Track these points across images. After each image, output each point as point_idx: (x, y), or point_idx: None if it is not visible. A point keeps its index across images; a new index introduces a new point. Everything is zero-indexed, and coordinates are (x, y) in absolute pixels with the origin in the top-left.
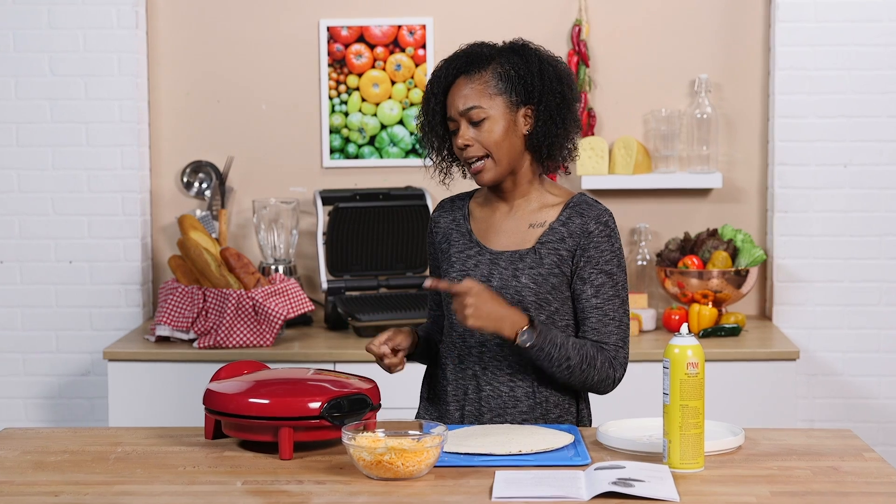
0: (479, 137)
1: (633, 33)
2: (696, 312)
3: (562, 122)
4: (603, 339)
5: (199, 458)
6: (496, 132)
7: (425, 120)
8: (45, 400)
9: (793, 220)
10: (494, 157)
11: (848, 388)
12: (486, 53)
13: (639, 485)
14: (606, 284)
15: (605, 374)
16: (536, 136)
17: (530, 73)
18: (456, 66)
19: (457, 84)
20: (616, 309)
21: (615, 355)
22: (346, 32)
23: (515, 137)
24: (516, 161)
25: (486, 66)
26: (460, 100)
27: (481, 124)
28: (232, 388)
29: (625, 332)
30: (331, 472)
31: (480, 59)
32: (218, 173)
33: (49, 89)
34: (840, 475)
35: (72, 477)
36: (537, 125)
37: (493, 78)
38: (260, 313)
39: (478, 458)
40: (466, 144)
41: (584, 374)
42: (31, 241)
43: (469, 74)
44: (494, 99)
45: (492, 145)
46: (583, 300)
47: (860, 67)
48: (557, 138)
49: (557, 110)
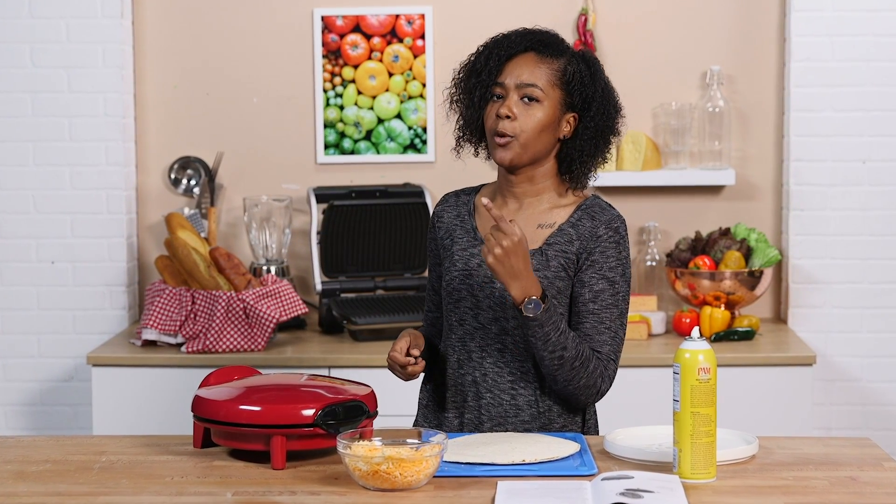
0: (522, 116)
1: (642, 23)
2: (707, 315)
3: (599, 144)
4: (594, 348)
5: (187, 468)
6: (540, 119)
7: (473, 80)
8: (26, 407)
9: (809, 218)
10: (523, 141)
11: (866, 395)
12: (562, 44)
13: (648, 496)
14: (606, 291)
15: (593, 381)
16: (571, 147)
17: (594, 87)
18: (531, 40)
19: (526, 56)
20: (613, 319)
21: (606, 366)
22: (341, 22)
23: (552, 135)
24: (541, 157)
25: (559, 55)
26: (527, 72)
27: (531, 105)
28: (222, 394)
29: (618, 345)
30: (325, 483)
31: (557, 46)
32: (207, 169)
33: (30, 82)
34: (859, 486)
35: (54, 488)
36: (576, 137)
37: (561, 69)
38: (251, 316)
39: (479, 468)
40: (507, 116)
41: (574, 371)
42: (12, 241)
43: (542, 54)
44: (554, 89)
45: (529, 129)
46: (579, 304)
47: (879, 59)
48: (590, 157)
49: (601, 133)
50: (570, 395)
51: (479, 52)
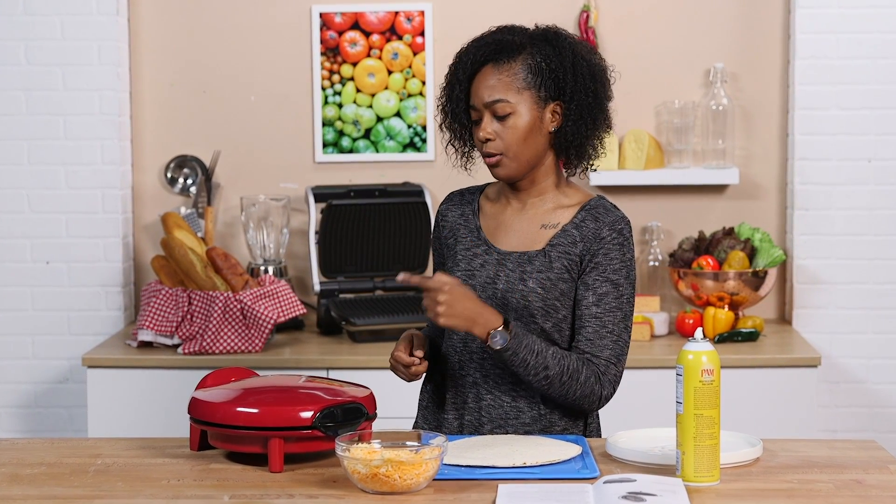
0: (502, 133)
1: (645, 20)
2: (711, 316)
3: (592, 122)
4: (595, 352)
5: (183, 471)
6: (520, 129)
7: (448, 106)
8: (21, 409)
9: (814, 218)
10: (511, 155)
11: (872, 397)
12: (517, 42)
13: (650, 499)
14: (610, 294)
15: (590, 389)
16: (564, 134)
17: (563, 68)
18: (484, 53)
19: (483, 72)
20: (616, 322)
21: (605, 370)
22: (339, 19)
23: (540, 135)
24: (537, 159)
25: (516, 56)
26: (486, 91)
27: (506, 119)
28: (219, 396)
29: (621, 348)
30: (323, 486)
31: (511, 47)
32: (204, 168)
33: (25, 79)
34: (864, 489)
35: (49, 491)
36: (566, 123)
37: (522, 70)
38: (248, 317)
39: (480, 471)
40: (488, 138)
41: (565, 386)
42: (6, 241)
43: (497, 63)
44: (522, 93)
45: (514, 143)
46: (582, 307)
47: (885, 56)
48: (587, 138)
49: (588, 109)
50: (571, 406)
51: (448, 74)
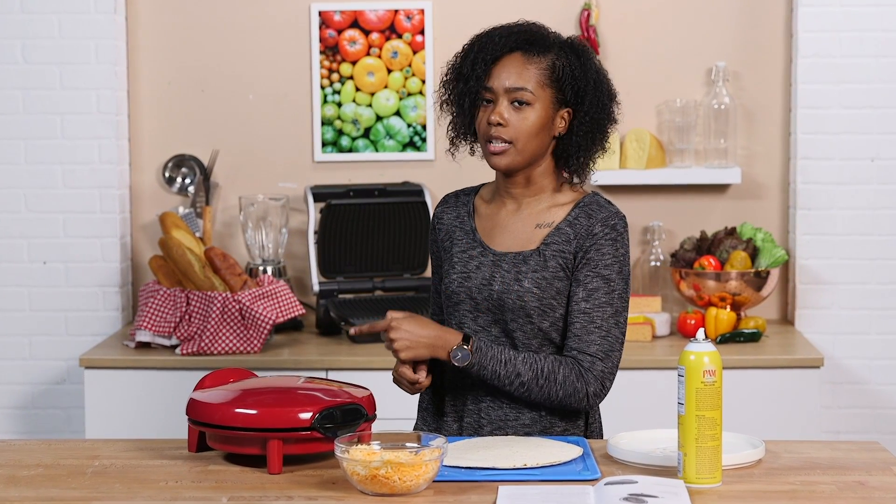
0: (515, 121)
1: (646, 18)
2: (713, 317)
3: (598, 139)
4: (582, 348)
5: (181, 473)
6: (534, 122)
7: (461, 85)
8: (18, 410)
9: (816, 217)
10: (520, 146)
11: (875, 398)
12: (549, 39)
13: (652, 501)
14: (601, 290)
15: (572, 388)
16: (568, 143)
17: (585, 79)
18: (515, 40)
19: (511, 58)
20: (605, 318)
21: (590, 367)
22: (339, 17)
23: (547, 135)
24: (538, 157)
25: (546, 52)
26: (511, 76)
27: (522, 109)
28: (217, 397)
29: (611, 343)
30: (323, 488)
31: (543, 42)
32: (202, 168)
33: (22, 78)
34: (867, 490)
35: (46, 493)
36: (573, 133)
37: (549, 67)
38: (247, 317)
39: (480, 473)
40: (500, 122)
41: (544, 390)
42: (3, 241)
43: (528, 53)
44: (545, 89)
45: (524, 134)
46: (573, 303)
47: (888, 55)
48: (588, 151)
49: (598, 126)
50: (559, 408)
51: (465, 53)
